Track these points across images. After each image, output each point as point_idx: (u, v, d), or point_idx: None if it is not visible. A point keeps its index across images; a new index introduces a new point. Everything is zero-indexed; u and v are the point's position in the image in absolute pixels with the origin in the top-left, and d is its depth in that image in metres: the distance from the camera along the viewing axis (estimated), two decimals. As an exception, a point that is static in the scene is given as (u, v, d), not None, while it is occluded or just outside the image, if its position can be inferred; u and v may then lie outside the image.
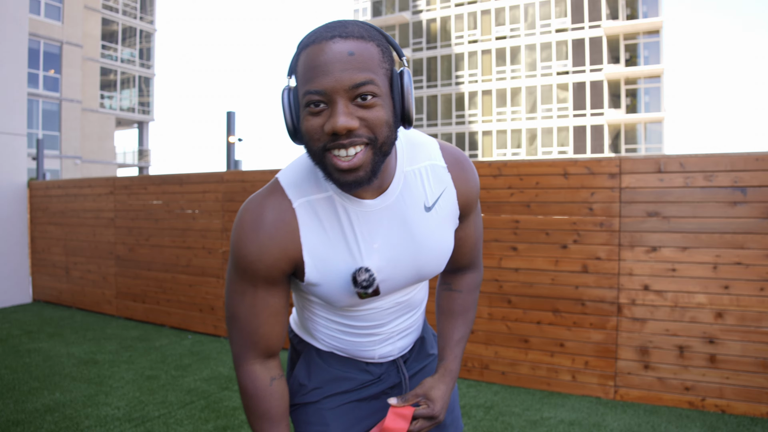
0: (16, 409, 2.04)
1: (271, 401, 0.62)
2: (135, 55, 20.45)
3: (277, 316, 0.62)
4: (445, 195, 0.62)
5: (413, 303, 0.70)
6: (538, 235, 2.28)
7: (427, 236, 0.62)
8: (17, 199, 4.26)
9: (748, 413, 1.95)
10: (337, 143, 0.51)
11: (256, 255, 0.57)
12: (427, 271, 0.65)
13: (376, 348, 0.70)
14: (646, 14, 19.55)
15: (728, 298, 1.98)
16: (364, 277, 0.58)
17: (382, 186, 0.59)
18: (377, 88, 0.50)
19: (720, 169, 1.99)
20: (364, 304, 0.65)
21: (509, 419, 1.96)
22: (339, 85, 0.49)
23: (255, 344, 0.62)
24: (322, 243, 0.58)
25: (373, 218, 0.59)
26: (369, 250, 0.60)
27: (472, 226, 0.70)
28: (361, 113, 0.50)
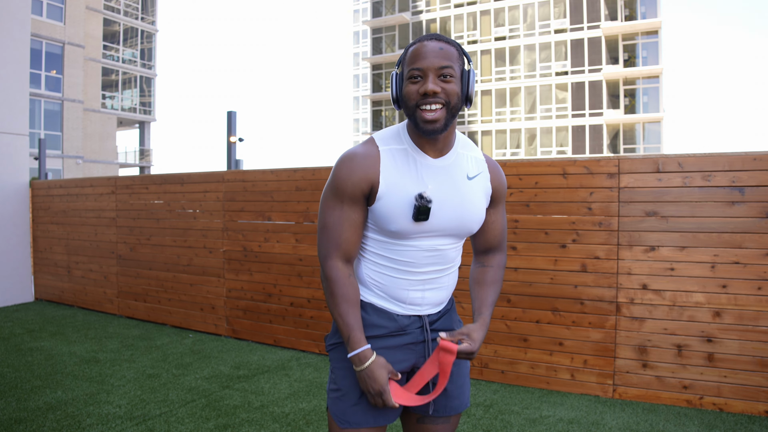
0: (19, 407, 2.05)
1: (350, 288, 0.84)
2: (136, 56, 20.49)
3: (356, 228, 0.84)
4: (482, 175, 0.88)
5: (446, 257, 0.87)
6: (537, 235, 2.29)
7: (467, 196, 0.85)
8: (19, 198, 4.28)
9: (745, 411, 1.96)
10: (426, 100, 0.78)
11: (347, 174, 0.82)
12: (465, 222, 0.85)
13: (410, 290, 0.86)
14: (645, 15, 19.57)
15: (726, 297, 1.99)
16: (425, 197, 0.80)
17: (443, 151, 0.85)
18: (454, 71, 0.79)
19: (718, 169, 2.01)
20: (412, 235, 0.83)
21: (508, 417, 1.97)
22: (431, 65, 0.78)
23: (338, 246, 0.84)
24: (395, 174, 0.82)
25: (432, 169, 0.84)
26: (424, 187, 0.82)
27: (500, 214, 0.93)
28: (442, 85, 0.78)
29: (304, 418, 1.98)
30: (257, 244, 3.08)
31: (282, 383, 2.36)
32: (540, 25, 21.01)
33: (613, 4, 19.71)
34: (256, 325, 3.09)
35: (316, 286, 2.87)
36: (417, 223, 0.81)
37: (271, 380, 2.41)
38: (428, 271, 0.86)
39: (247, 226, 3.12)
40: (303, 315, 2.91)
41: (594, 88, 19.96)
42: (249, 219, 3.12)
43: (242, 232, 3.14)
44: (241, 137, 5.88)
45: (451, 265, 0.89)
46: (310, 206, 2.89)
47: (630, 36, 19.65)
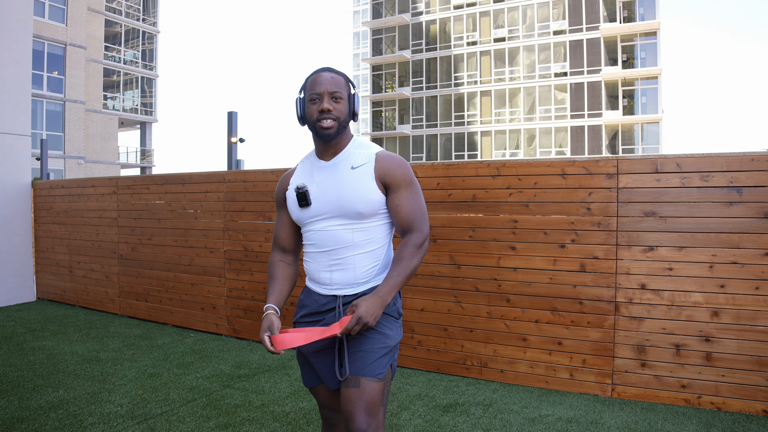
0: (21, 406, 2.06)
1: (274, 269, 1.16)
2: (138, 57, 20.53)
3: (284, 226, 1.16)
4: (366, 165, 1.07)
5: (342, 238, 1.06)
6: (536, 235, 2.31)
7: (348, 181, 1.05)
8: (21, 198, 4.29)
9: (743, 410, 1.97)
10: (322, 116, 1.04)
11: (276, 187, 1.19)
12: (345, 202, 1.04)
13: (321, 271, 1.09)
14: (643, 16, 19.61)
15: (724, 296, 2.00)
16: (299, 186, 1.08)
17: (335, 154, 1.09)
18: (342, 94, 1.06)
19: (716, 170, 2.02)
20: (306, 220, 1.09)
21: (508, 417, 1.98)
22: (325, 90, 1.05)
23: (275, 240, 1.19)
24: (297, 179, 1.13)
25: (323, 168, 1.09)
26: (311, 181, 1.09)
27: (405, 199, 1.07)
28: (334, 105, 1.05)
29: (305, 417, 1.99)
30: (258, 244, 3.09)
31: (282, 382, 2.37)
32: (539, 27, 21.05)
33: (612, 6, 19.75)
34: (256, 325, 3.10)
35: (316, 286, 2.88)
36: (301, 209, 1.07)
37: (272, 379, 2.42)
38: (329, 250, 1.06)
39: (247, 226, 3.13)
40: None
41: (593, 89, 19.98)
42: (250, 219, 3.13)
43: (243, 232, 3.15)
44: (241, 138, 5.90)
45: (350, 246, 1.05)
46: (310, 206, 2.90)
47: (628, 37, 19.69)
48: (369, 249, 1.06)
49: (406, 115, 24.05)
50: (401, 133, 23.80)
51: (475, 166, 2.44)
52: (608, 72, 19.55)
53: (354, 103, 1.06)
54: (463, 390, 2.27)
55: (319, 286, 1.09)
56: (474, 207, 2.42)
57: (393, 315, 1.07)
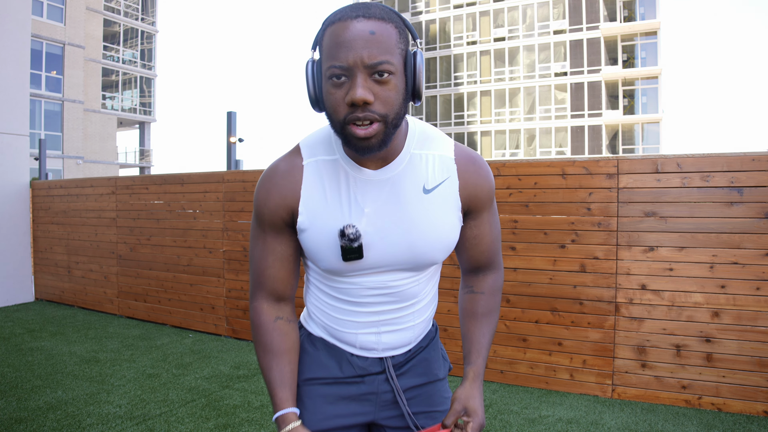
0: (19, 407, 2.05)
1: (274, 335, 0.67)
2: (136, 56, 20.49)
3: (283, 262, 0.67)
4: (447, 183, 0.64)
5: (404, 295, 0.67)
6: (536, 235, 2.30)
7: (422, 216, 0.63)
8: (20, 198, 4.28)
9: (744, 411, 1.97)
10: (355, 115, 0.55)
11: (264, 198, 0.65)
12: (420, 252, 0.64)
13: (359, 332, 0.68)
14: (644, 16, 19.61)
15: (725, 297, 2.00)
16: (350, 231, 0.60)
17: (387, 159, 0.62)
18: (393, 66, 0.55)
19: (717, 170, 2.01)
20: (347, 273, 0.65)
21: (508, 417, 1.98)
22: (360, 60, 0.53)
23: (263, 284, 0.68)
24: (318, 198, 0.63)
25: (370, 186, 0.63)
26: (359, 213, 0.62)
27: (486, 225, 0.70)
28: (377, 89, 0.55)
29: (304, 417, 1.98)
30: (257, 244, 3.08)
31: (282, 383, 2.37)
32: (539, 26, 21.03)
33: (612, 5, 19.75)
34: (256, 325, 3.10)
35: (316, 287, 2.87)
36: (347, 263, 0.63)
37: (271, 380, 2.41)
38: (380, 311, 0.67)
39: (247, 226, 3.12)
40: (303, 315, 2.92)
41: (593, 89, 19.98)
42: (249, 219, 3.12)
43: (242, 232, 3.14)
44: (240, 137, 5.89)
45: (413, 302, 0.69)
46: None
47: (629, 37, 19.68)
48: (430, 296, 0.72)
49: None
50: (401, 133, 23.75)
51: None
52: (608, 72, 19.55)
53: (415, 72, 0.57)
54: (463, 391, 2.26)
55: (352, 348, 0.70)
56: (474, 207, 2.41)
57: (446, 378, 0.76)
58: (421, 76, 0.57)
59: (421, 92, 0.58)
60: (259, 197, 0.65)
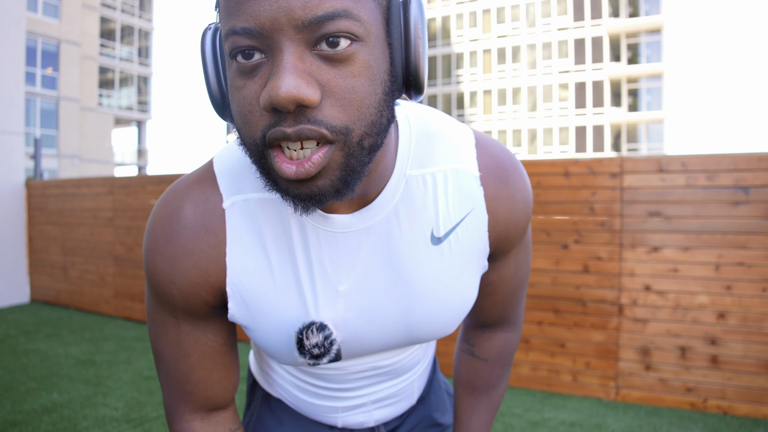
0: (14, 409, 2.03)
1: None
2: (133, 54, 20.39)
3: (214, 358, 0.42)
4: (469, 220, 0.39)
5: (401, 371, 0.50)
6: (538, 235, 2.27)
7: (429, 282, 0.40)
8: (15, 198, 4.24)
9: (750, 415, 1.94)
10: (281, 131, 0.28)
11: (168, 275, 0.38)
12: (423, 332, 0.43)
13: (340, 415, 0.51)
14: (648, 12, 19.51)
15: (730, 298, 1.97)
16: (314, 341, 0.38)
17: (367, 195, 0.37)
18: (359, 25, 0.28)
19: (722, 169, 1.98)
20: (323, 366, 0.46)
21: (510, 420, 1.95)
22: (285, 16, 0.27)
23: (188, 394, 0.43)
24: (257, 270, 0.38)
25: (344, 243, 0.38)
26: (329, 294, 0.39)
27: (512, 267, 0.47)
28: (326, 74, 0.28)
29: (303, 421, 1.96)
30: (255, 244, 3.04)
31: (280, 385, 2.34)
32: (542, 23, 20.94)
33: (616, 2, 19.65)
34: (254, 326, 3.07)
35: (314, 287, 2.84)
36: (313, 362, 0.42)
37: (270, 382, 2.39)
38: (371, 392, 0.50)
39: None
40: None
41: (596, 87, 19.91)
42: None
43: (240, 232, 3.11)
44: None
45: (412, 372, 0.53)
46: (308, 206, 2.86)
47: (633, 34, 19.59)
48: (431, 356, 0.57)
49: (405, 113, 23.96)
50: (401, 131, 23.72)
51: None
52: (612, 69, 19.48)
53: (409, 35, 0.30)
54: (464, 393, 2.24)
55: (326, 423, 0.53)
56: (475, 207, 2.38)
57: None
58: (420, 47, 0.30)
59: (421, 78, 0.31)
60: (161, 269, 0.38)
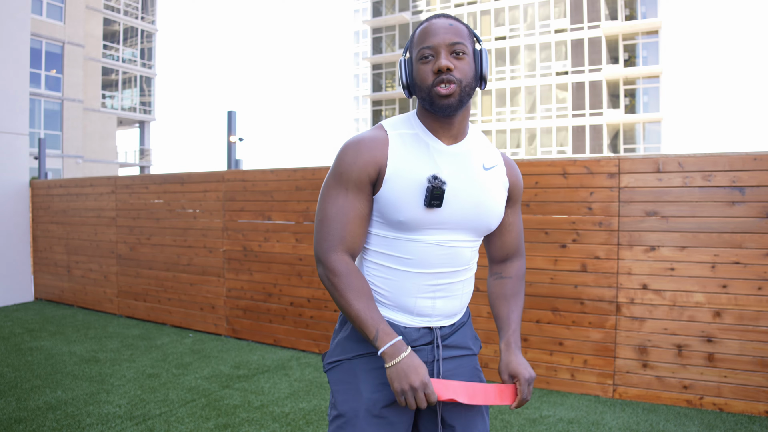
0: (18, 407, 2.05)
1: (363, 280, 0.75)
2: (136, 55, 20.48)
3: (362, 219, 0.75)
4: (498, 167, 0.82)
5: (460, 258, 0.78)
6: (537, 235, 2.29)
7: (484, 187, 0.78)
8: (19, 198, 4.28)
9: (745, 412, 1.96)
10: (440, 78, 0.73)
11: (353, 158, 0.75)
12: (482, 214, 0.78)
13: (418, 297, 0.76)
14: (645, 15, 19.56)
15: (726, 297, 1.99)
16: (440, 178, 0.73)
17: (457, 137, 0.78)
18: (466, 48, 0.74)
19: (718, 169, 2.00)
20: (422, 226, 0.74)
21: (508, 417, 1.97)
22: (443, 41, 0.73)
23: (343, 239, 0.75)
24: (405, 157, 0.75)
25: (446, 155, 0.77)
26: (439, 172, 0.75)
27: (517, 216, 0.86)
28: (455, 62, 0.73)
29: (304, 417, 1.98)
30: (257, 243, 3.07)
31: (282, 383, 2.36)
32: (540, 25, 20.99)
33: (614, 4, 19.70)
34: (256, 325, 3.09)
35: (316, 286, 2.87)
36: (429, 210, 0.72)
37: (271, 380, 2.41)
38: (440, 272, 0.76)
39: (247, 225, 3.12)
40: (303, 315, 2.91)
41: (594, 88, 19.94)
42: (249, 219, 3.11)
43: (242, 232, 3.14)
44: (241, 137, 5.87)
45: (465, 269, 0.79)
46: (310, 206, 2.89)
47: (630, 36, 19.63)
48: (473, 271, 0.83)
49: (406, 114, 23.98)
50: (401, 132, 23.73)
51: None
52: (610, 70, 19.50)
53: (482, 63, 0.75)
54: (464, 391, 2.26)
55: (408, 316, 0.77)
56: (474, 206, 2.40)
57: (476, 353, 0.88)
58: (486, 66, 0.76)
59: (486, 77, 0.76)
60: (347, 158, 0.75)
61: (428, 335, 0.78)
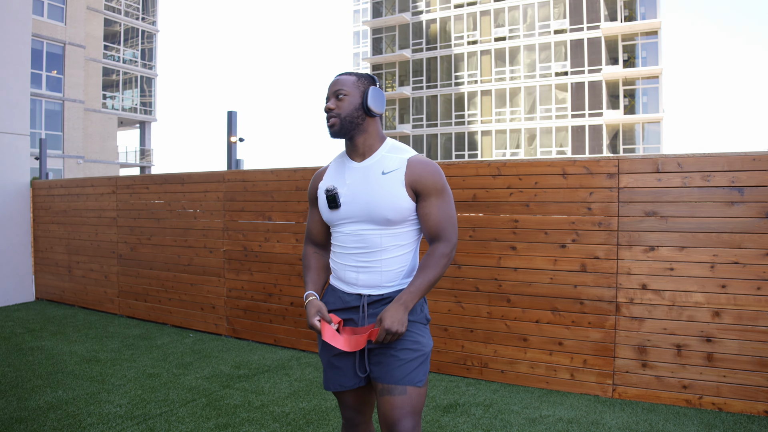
0: (19, 406, 2.06)
1: (311, 259, 1.17)
2: (137, 56, 20.50)
3: (316, 223, 1.17)
4: (397, 171, 1.06)
5: (370, 242, 1.07)
6: (537, 235, 2.30)
7: (378, 187, 1.05)
8: (20, 198, 4.28)
9: (744, 411, 1.96)
10: (327, 115, 1.08)
11: (309, 187, 1.19)
12: (374, 208, 1.05)
13: (347, 270, 1.10)
14: (644, 15, 19.58)
15: (725, 297, 1.99)
16: (329, 189, 1.08)
17: (365, 155, 1.09)
18: (346, 91, 1.07)
19: (717, 169, 2.01)
20: (336, 221, 1.09)
21: (508, 417, 1.98)
22: (330, 91, 1.09)
23: (308, 234, 1.20)
24: (328, 178, 1.13)
25: (353, 170, 1.09)
26: (343, 183, 1.09)
27: (434, 208, 1.06)
28: (336, 102, 1.07)
29: (305, 417, 1.99)
30: (257, 243, 3.08)
31: (282, 383, 2.37)
32: (540, 26, 21.01)
33: (613, 5, 19.72)
34: (256, 325, 3.09)
35: (316, 286, 2.87)
36: (333, 210, 1.08)
37: (272, 380, 2.41)
38: (357, 253, 1.07)
39: (247, 225, 3.12)
40: (303, 315, 2.91)
41: (593, 89, 19.96)
42: (249, 219, 3.12)
43: (243, 232, 3.15)
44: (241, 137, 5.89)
45: (379, 250, 1.06)
46: (310, 206, 2.89)
47: (629, 36, 19.65)
48: (396, 254, 1.06)
49: (406, 115, 24.04)
50: (401, 133, 23.79)
51: (475, 165, 2.43)
52: (609, 71, 19.52)
53: (367, 99, 1.04)
54: (464, 390, 2.26)
55: (344, 285, 1.10)
56: (474, 207, 2.41)
57: (421, 321, 1.08)
58: (370, 101, 1.06)
59: (371, 109, 1.06)
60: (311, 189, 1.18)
61: (357, 300, 1.08)
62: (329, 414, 2.01)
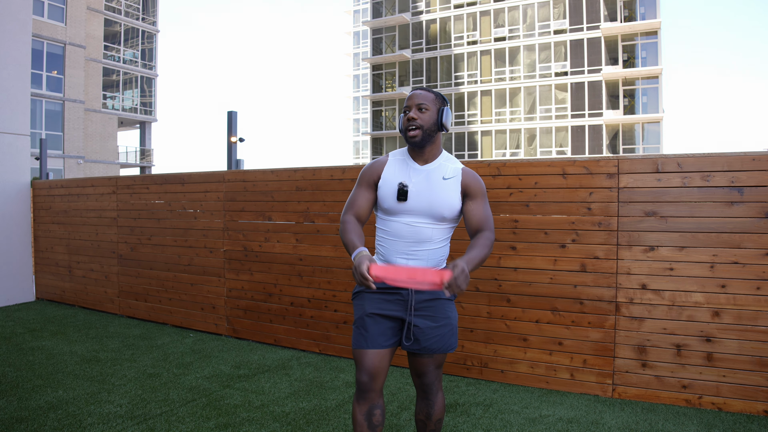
0: (20, 406, 2.06)
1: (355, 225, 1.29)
2: (137, 56, 20.51)
3: (365, 200, 1.33)
4: (455, 178, 1.31)
5: (422, 235, 1.27)
6: (536, 235, 2.30)
7: (439, 189, 1.29)
8: (20, 198, 4.29)
9: (744, 411, 1.97)
10: (409, 124, 1.28)
11: (366, 169, 1.35)
12: (434, 206, 1.27)
13: (396, 257, 1.29)
14: (644, 16, 19.59)
15: (725, 296, 2.00)
16: (404, 184, 1.28)
17: (428, 161, 1.32)
18: (428, 106, 1.28)
19: (717, 169, 2.01)
20: (396, 212, 1.28)
21: (508, 417, 1.98)
22: (413, 103, 1.30)
23: (351, 207, 1.34)
24: (392, 172, 1.32)
25: (417, 171, 1.31)
26: (410, 181, 1.29)
27: (479, 207, 1.31)
28: (419, 114, 1.28)
29: (305, 417, 1.99)
30: (258, 243, 3.08)
31: (282, 383, 2.37)
32: (539, 26, 21.02)
33: (613, 5, 19.73)
34: (256, 325, 3.10)
35: (316, 286, 2.88)
36: (398, 202, 1.27)
37: (272, 380, 2.41)
38: (408, 242, 1.27)
39: (247, 225, 3.13)
40: (303, 314, 2.92)
41: (593, 89, 19.97)
42: (249, 219, 3.12)
43: (243, 232, 3.15)
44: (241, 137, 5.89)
45: (427, 242, 1.28)
46: (310, 206, 2.90)
47: (629, 37, 19.66)
48: (439, 245, 1.30)
49: (406, 115, 23.97)
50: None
51: (475, 165, 2.43)
52: (609, 71, 19.53)
53: (442, 116, 1.27)
54: (464, 390, 2.26)
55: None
56: (474, 207, 2.41)
57: (449, 298, 1.32)
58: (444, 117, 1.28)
59: (445, 125, 1.29)
60: (364, 169, 1.35)
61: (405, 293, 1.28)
62: (329, 414, 2.01)
